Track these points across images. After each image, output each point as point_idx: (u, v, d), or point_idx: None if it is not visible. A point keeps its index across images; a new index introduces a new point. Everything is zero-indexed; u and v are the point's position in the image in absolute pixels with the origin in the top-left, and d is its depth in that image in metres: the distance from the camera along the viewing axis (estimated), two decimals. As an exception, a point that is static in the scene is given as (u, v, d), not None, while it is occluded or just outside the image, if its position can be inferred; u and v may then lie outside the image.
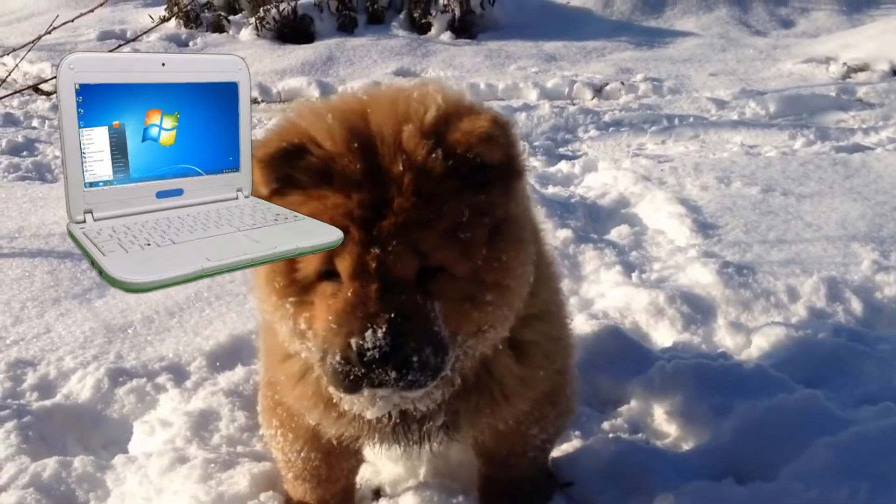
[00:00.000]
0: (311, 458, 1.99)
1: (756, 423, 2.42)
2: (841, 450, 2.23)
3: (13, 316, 3.05)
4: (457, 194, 1.51)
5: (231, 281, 3.33)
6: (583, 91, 8.39)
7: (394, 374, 1.49)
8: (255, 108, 8.17)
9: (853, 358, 2.94)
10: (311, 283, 1.57)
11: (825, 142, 6.34)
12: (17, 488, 2.13)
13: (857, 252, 3.75)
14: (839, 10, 12.17)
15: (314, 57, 9.04)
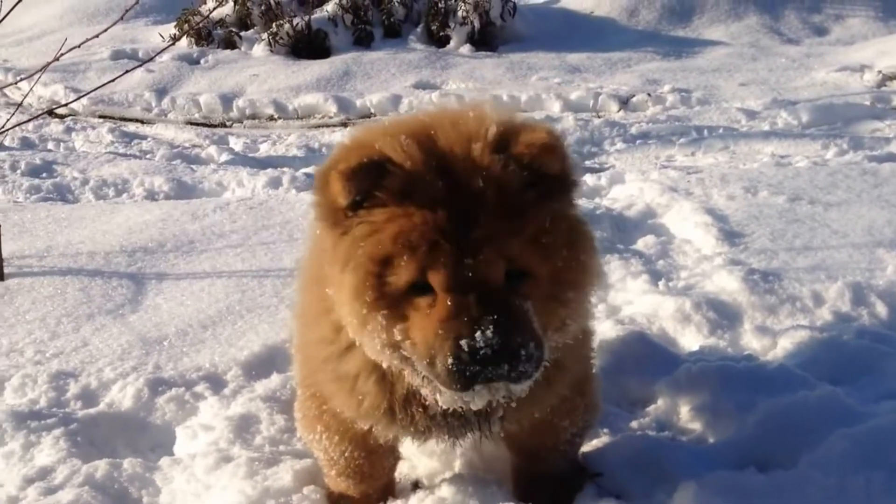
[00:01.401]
0: (354, 457, 2.25)
1: (778, 417, 2.66)
2: (858, 441, 2.47)
3: (50, 331, 3.36)
4: (536, 203, 1.75)
5: (261, 294, 3.63)
6: (608, 103, 8.68)
7: (507, 367, 1.71)
8: (272, 125, 8.54)
9: (876, 358, 3.17)
10: (401, 296, 1.77)
11: (858, 151, 6.59)
12: (73, 487, 2.41)
13: (883, 258, 3.98)
14: (875, 17, 12.35)
15: (330, 72, 9.42)
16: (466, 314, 1.70)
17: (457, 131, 1.79)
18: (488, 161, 1.72)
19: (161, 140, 7.75)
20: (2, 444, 2.66)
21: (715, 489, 2.34)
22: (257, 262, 3.95)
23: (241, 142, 7.77)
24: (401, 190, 1.73)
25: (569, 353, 2.11)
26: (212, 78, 8.95)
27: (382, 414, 2.04)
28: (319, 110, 8.79)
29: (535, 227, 1.74)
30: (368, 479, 2.31)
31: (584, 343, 2.29)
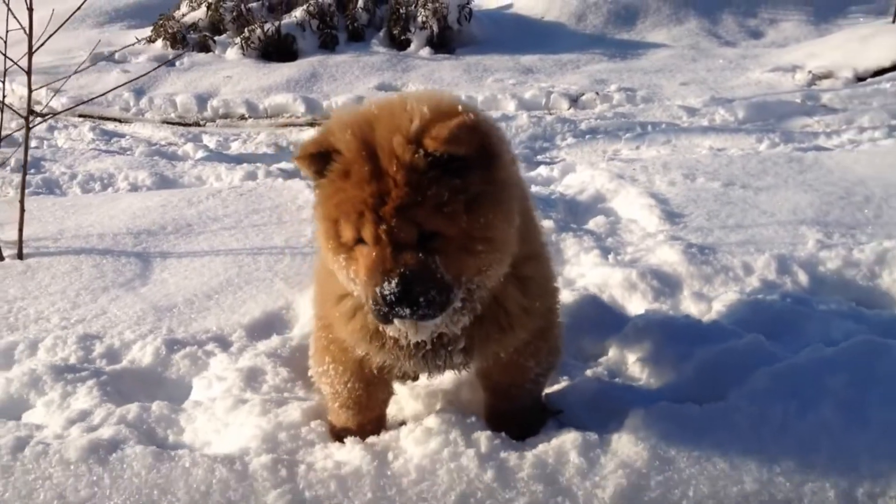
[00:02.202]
0: (355, 388, 2.60)
1: (712, 361, 3.05)
2: (777, 377, 2.86)
3: (70, 301, 3.64)
4: (437, 181, 2.15)
5: (257, 269, 3.94)
6: (559, 101, 9.08)
7: (408, 310, 2.14)
8: (243, 124, 8.79)
9: (797, 318, 3.58)
10: (351, 245, 2.23)
11: (788, 144, 7.04)
12: (110, 425, 2.71)
13: (805, 234, 4.41)
14: (807, 21, 12.87)
15: (298, 74, 9.70)
16: (382, 267, 2.14)
17: (389, 124, 2.20)
18: (401, 151, 2.13)
19: (139, 138, 7.96)
20: (42, 394, 2.96)
21: (659, 417, 2.70)
22: (250, 242, 4.27)
23: (214, 139, 8.01)
24: (341, 171, 2.20)
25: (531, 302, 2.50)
26: (187, 79, 9.17)
27: (367, 339, 2.44)
28: (288, 110, 9.06)
29: (436, 199, 2.14)
30: (365, 410, 2.65)
31: (546, 296, 2.66)
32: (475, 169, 2.20)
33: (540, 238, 2.67)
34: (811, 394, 2.78)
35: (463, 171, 2.17)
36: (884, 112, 7.71)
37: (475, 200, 2.20)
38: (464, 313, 2.31)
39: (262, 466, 2.46)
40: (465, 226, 2.18)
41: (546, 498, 2.44)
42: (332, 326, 2.55)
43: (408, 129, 2.15)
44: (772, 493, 2.48)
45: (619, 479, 2.47)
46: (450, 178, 2.16)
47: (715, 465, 2.53)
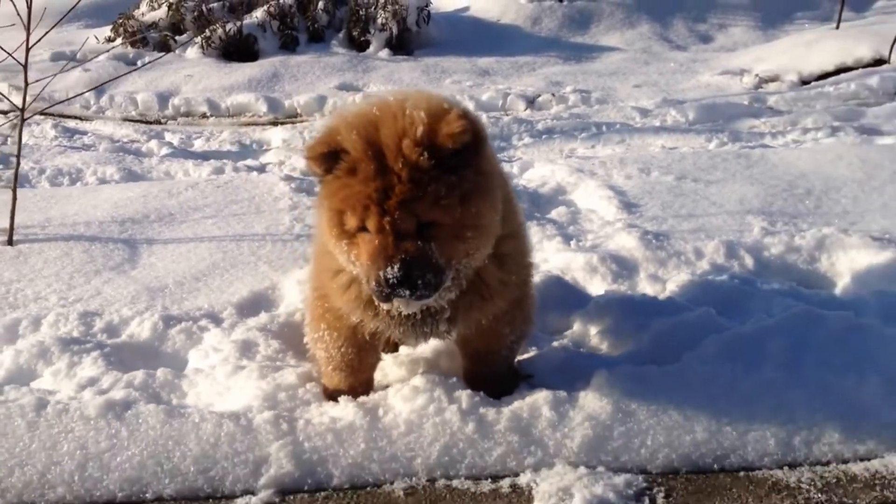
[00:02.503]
0: (348, 352, 2.90)
1: (667, 331, 3.41)
2: (726, 342, 3.23)
3: (65, 283, 3.87)
4: (437, 178, 2.46)
5: (240, 254, 4.21)
6: (516, 102, 9.43)
7: (408, 291, 2.46)
8: (205, 122, 8.99)
9: (743, 296, 3.96)
10: (353, 232, 2.53)
11: (736, 143, 7.47)
12: (120, 389, 2.97)
13: (751, 222, 4.82)
14: (755, 27, 13.40)
15: (260, 74, 9.93)
16: (384, 253, 2.45)
17: (394, 127, 2.49)
18: (409, 152, 2.44)
19: (101, 135, 8.10)
20: (50, 364, 3.20)
21: (620, 377, 3.05)
22: (232, 230, 4.53)
23: (177, 137, 8.18)
24: (348, 169, 2.50)
25: (508, 276, 2.83)
26: (148, 78, 9.33)
27: (360, 308, 2.75)
28: (250, 109, 9.28)
29: (435, 193, 2.45)
30: (357, 373, 2.96)
31: (522, 270, 3.00)
32: (468, 163, 2.52)
33: (518, 218, 3.00)
34: (755, 357, 3.16)
35: (458, 168, 2.49)
36: (827, 114, 8.19)
37: (467, 193, 2.52)
38: (451, 289, 2.63)
39: (265, 421, 2.75)
40: (458, 216, 2.50)
41: (521, 447, 2.77)
42: (328, 297, 2.85)
43: (415, 132, 2.45)
44: (720, 441, 2.84)
45: (586, 430, 2.81)
46: (447, 174, 2.47)
47: (670, 417, 2.89)
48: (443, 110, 2.52)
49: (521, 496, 2.62)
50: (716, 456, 2.79)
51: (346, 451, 2.70)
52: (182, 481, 2.60)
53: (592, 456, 2.75)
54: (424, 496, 2.62)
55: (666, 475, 2.73)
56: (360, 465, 2.68)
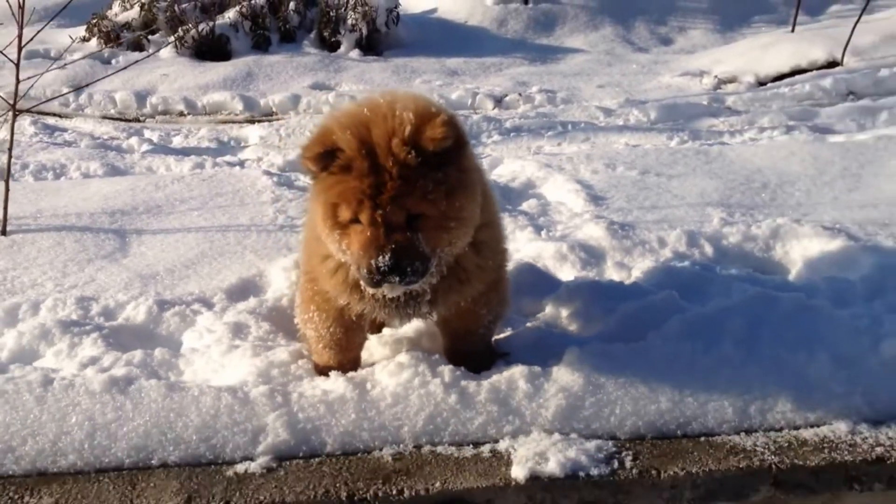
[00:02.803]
0: (336, 331, 3.08)
1: (633, 313, 3.61)
2: (687, 322, 3.43)
3: (60, 271, 4.00)
4: (424, 174, 2.65)
5: (227, 244, 4.36)
6: (484, 102, 9.61)
7: (397, 278, 2.66)
8: (183, 120, 9.07)
9: (703, 281, 4.18)
10: (346, 224, 2.71)
11: (696, 141, 7.72)
12: (121, 366, 3.12)
13: (710, 213, 5.06)
14: (714, 29, 13.68)
15: (234, 73, 10.02)
16: (376, 243, 2.63)
17: (384, 127, 2.67)
18: (398, 150, 2.61)
19: (81, 132, 8.16)
20: (51, 345, 3.34)
21: (591, 353, 3.23)
22: (218, 221, 4.67)
23: (156, 134, 8.27)
24: (343, 166, 2.67)
25: (484, 261, 3.02)
26: (125, 77, 9.36)
27: (347, 291, 2.94)
28: (226, 107, 9.38)
29: (422, 188, 2.64)
30: (345, 351, 3.13)
31: (497, 255, 3.19)
32: (452, 161, 2.71)
33: (493, 208, 3.20)
34: (714, 334, 3.36)
35: (443, 164, 2.68)
36: (782, 114, 8.47)
37: (451, 188, 2.72)
38: (433, 275, 2.82)
39: (261, 394, 2.91)
40: (443, 208, 2.69)
41: (500, 416, 2.96)
42: (317, 280, 3.02)
43: (403, 132, 2.63)
44: (682, 409, 3.04)
45: (560, 400, 3.01)
46: (433, 171, 2.66)
47: (637, 389, 3.08)
48: (430, 113, 2.71)
49: (501, 460, 2.80)
50: (679, 423, 2.99)
51: (337, 421, 2.87)
52: (185, 449, 2.76)
53: (566, 424, 2.93)
54: (411, 461, 2.80)
55: (633, 440, 2.93)
56: (351, 433, 2.85)
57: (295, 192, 5.15)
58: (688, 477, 2.78)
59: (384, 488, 2.69)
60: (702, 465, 2.81)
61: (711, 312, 3.55)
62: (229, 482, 2.68)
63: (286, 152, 7.09)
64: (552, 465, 2.76)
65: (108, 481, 2.67)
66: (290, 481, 2.69)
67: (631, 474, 2.78)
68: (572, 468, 2.76)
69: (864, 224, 4.59)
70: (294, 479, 2.71)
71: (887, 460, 2.82)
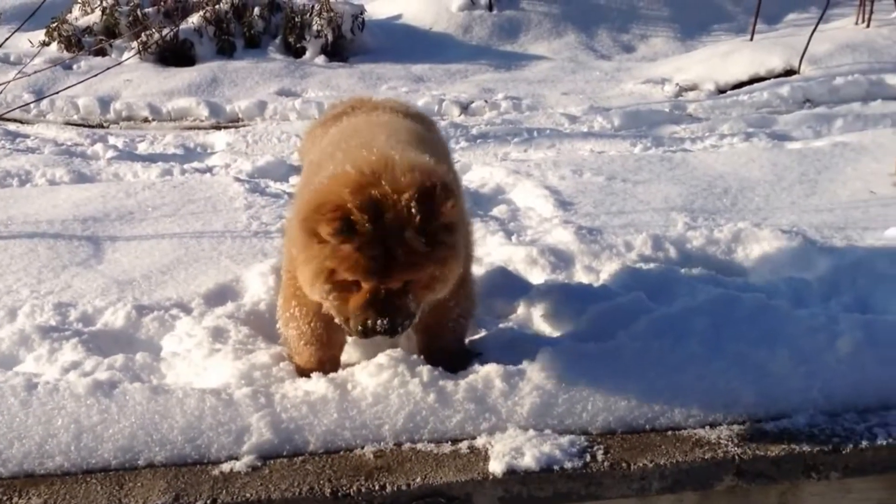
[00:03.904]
0: (317, 327, 3.19)
1: (602, 314, 3.76)
2: (655, 321, 3.59)
3: (35, 278, 4.04)
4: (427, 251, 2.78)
5: (202, 249, 4.44)
6: (451, 108, 9.76)
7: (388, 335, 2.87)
8: (148, 126, 9.09)
9: (669, 283, 4.34)
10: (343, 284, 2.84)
11: (659, 148, 7.93)
12: (103, 370, 3.19)
13: (675, 218, 5.25)
14: (675, 38, 13.92)
15: (199, 79, 10.06)
16: (375, 307, 2.80)
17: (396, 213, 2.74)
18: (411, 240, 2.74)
19: (44, 138, 8.14)
20: (31, 350, 3.39)
21: (563, 352, 3.35)
22: (191, 227, 4.74)
23: (121, 140, 8.27)
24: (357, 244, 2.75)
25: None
26: (87, 82, 9.35)
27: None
28: (192, 113, 9.41)
29: (423, 263, 2.80)
30: (326, 347, 3.25)
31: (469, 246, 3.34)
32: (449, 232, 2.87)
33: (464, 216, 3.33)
34: (681, 333, 3.52)
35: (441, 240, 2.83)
36: (741, 121, 8.74)
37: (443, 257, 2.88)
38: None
39: (245, 395, 3.00)
40: (436, 274, 2.88)
41: (477, 414, 3.09)
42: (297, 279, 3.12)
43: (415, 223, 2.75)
44: (650, 405, 3.19)
45: (534, 398, 3.14)
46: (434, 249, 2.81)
47: (608, 386, 3.21)
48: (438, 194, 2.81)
49: (479, 456, 2.93)
50: (647, 418, 3.14)
51: (320, 421, 2.98)
52: (171, 449, 2.84)
53: (540, 420, 3.07)
54: (392, 458, 2.91)
55: (604, 435, 3.07)
56: (333, 432, 2.96)
57: (267, 199, 5.24)
58: (656, 468, 2.93)
59: (367, 484, 2.80)
60: (669, 458, 2.96)
61: (677, 312, 3.72)
62: (215, 481, 2.77)
63: (254, 158, 7.16)
64: (528, 460, 2.89)
65: (96, 482, 2.75)
66: (275, 479, 2.79)
67: (602, 467, 2.92)
68: (547, 462, 2.90)
69: (821, 227, 4.82)
70: (279, 476, 2.81)
71: (842, 450, 3.00)
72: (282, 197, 5.35)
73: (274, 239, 4.57)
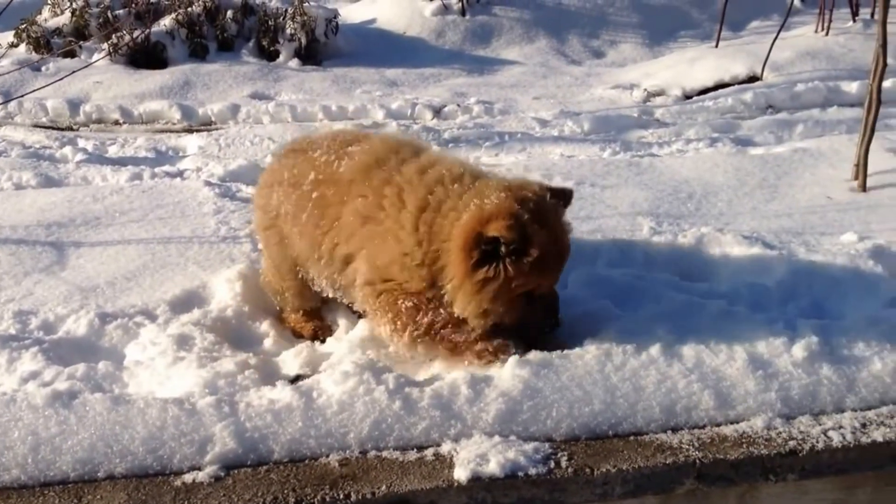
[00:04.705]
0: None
1: (571, 322, 3.74)
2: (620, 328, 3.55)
3: (-5, 286, 3.95)
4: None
5: (169, 256, 4.36)
6: (424, 112, 9.72)
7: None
8: (118, 129, 8.96)
9: (635, 289, 4.33)
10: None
11: (627, 152, 7.98)
12: (63, 380, 3.11)
13: (641, 223, 5.23)
14: (643, 43, 14.00)
15: (171, 81, 9.94)
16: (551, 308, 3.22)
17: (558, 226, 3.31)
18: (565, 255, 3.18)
19: (12, 141, 8.00)
20: (-12, 360, 3.31)
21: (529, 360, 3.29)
22: (159, 233, 4.66)
23: (91, 143, 8.14)
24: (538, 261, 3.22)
25: None
26: (56, 84, 9.20)
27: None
28: (164, 116, 9.29)
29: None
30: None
31: None
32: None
33: None
34: (644, 339, 3.51)
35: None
36: (707, 126, 8.77)
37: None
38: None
39: (208, 405, 2.95)
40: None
41: (443, 421, 3.06)
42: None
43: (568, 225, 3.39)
44: (613, 411, 3.18)
45: (500, 404, 3.12)
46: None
47: (572, 393, 3.21)
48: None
49: (444, 463, 2.90)
50: (610, 424, 3.13)
51: (284, 429, 2.93)
52: (132, 461, 2.78)
53: (505, 427, 3.05)
54: (357, 466, 2.87)
55: (568, 441, 3.06)
56: (298, 440, 2.91)
57: (237, 204, 5.16)
58: (619, 474, 2.92)
59: (331, 493, 2.76)
60: (631, 463, 2.95)
61: (642, 318, 3.72)
62: (177, 492, 2.72)
63: (226, 162, 7.07)
64: (493, 466, 2.87)
65: (54, 495, 2.68)
66: (238, 489, 2.74)
67: (566, 473, 2.90)
68: (511, 468, 2.88)
69: (780, 233, 4.84)
70: (242, 487, 2.76)
71: (799, 453, 3.01)
72: (251, 202, 5.27)
73: (243, 244, 4.51)
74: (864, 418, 3.16)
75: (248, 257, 4.30)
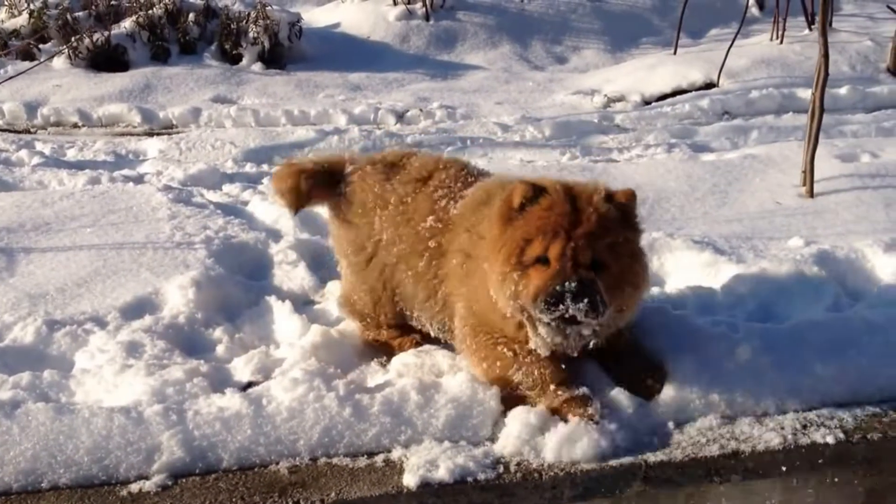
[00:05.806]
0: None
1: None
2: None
3: (-60, 294, 3.84)
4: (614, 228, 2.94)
5: (122, 261, 4.29)
6: (387, 117, 9.71)
7: (581, 304, 2.84)
8: (77, 132, 8.82)
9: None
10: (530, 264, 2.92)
11: (587, 157, 8.04)
12: (7, 389, 3.05)
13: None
14: (605, 49, 14.08)
15: (132, 84, 9.81)
16: (563, 273, 2.83)
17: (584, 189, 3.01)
18: (596, 199, 2.95)
19: (-33, 144, 7.85)
20: (-69, 370, 3.22)
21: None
22: (111, 238, 4.59)
23: (48, 147, 8.01)
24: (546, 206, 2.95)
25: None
26: (14, 87, 9.06)
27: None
28: (124, 119, 9.17)
29: (613, 238, 2.93)
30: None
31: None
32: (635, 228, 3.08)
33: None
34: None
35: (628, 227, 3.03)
36: (665, 132, 8.86)
37: (634, 252, 3.03)
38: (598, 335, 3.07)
39: (155, 413, 2.91)
40: (624, 267, 2.95)
41: (393, 427, 3.05)
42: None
43: (601, 192, 2.99)
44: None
45: (449, 410, 3.11)
46: (622, 228, 2.98)
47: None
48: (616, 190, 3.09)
49: (394, 469, 2.89)
50: (559, 428, 3.14)
51: (233, 437, 2.90)
52: (77, 471, 2.73)
53: (455, 432, 3.04)
54: (307, 473, 2.85)
55: (517, 446, 3.06)
56: (247, 448, 2.88)
57: (192, 209, 5.10)
58: (567, 477, 2.93)
59: (280, 501, 2.73)
60: (580, 466, 2.96)
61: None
62: (123, 501, 2.67)
63: (186, 166, 7.00)
64: (442, 472, 2.86)
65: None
66: (185, 498, 2.71)
67: (515, 477, 2.90)
68: (461, 474, 2.87)
69: (729, 237, 4.89)
70: (190, 495, 2.72)
71: (741, 454, 3.05)
72: (207, 207, 5.22)
73: (197, 250, 4.45)
74: (805, 419, 3.20)
75: (203, 263, 4.24)
